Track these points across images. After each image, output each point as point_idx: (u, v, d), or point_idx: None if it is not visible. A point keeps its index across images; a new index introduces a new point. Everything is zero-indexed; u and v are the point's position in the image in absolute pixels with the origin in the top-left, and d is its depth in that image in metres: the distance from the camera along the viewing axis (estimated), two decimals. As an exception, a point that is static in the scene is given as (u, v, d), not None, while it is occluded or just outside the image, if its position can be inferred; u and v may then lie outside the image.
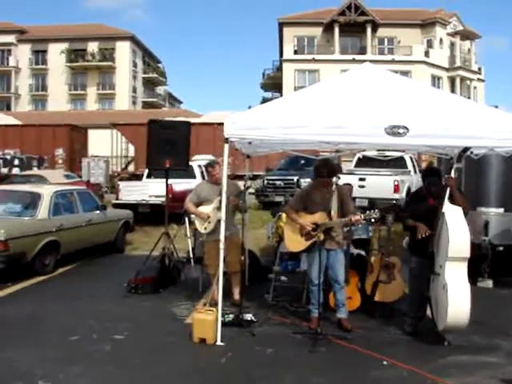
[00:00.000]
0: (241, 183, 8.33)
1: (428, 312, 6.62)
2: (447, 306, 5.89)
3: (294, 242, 6.85)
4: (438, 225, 6.21)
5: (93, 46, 58.67)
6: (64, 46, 57.91)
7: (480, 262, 8.86)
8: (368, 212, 6.37)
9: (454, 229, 6.00)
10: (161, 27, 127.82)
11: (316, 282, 6.60)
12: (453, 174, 6.45)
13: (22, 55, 58.84)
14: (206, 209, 7.62)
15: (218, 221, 7.27)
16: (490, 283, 9.13)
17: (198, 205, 7.75)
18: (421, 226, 6.42)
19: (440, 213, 6.17)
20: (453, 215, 6.10)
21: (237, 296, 7.46)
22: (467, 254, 6.03)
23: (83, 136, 31.70)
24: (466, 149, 6.30)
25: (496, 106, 8.09)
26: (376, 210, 6.36)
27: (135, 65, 61.73)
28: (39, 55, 59.31)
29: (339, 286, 6.78)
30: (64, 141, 29.56)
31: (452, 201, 6.22)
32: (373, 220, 6.48)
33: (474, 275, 7.13)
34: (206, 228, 7.63)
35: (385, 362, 5.66)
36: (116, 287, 8.64)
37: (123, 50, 59.09)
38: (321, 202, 6.68)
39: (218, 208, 7.35)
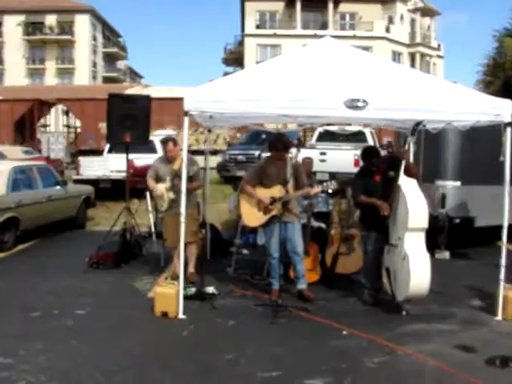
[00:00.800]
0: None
1: (385, 283, 6.78)
2: (409, 275, 6.03)
3: (253, 217, 6.89)
4: (392, 199, 6.33)
5: (51, 19, 57.20)
6: (20, 18, 56.30)
7: (437, 234, 9.06)
8: (325, 184, 6.44)
9: (412, 200, 6.14)
10: (120, 0, 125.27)
11: (275, 255, 6.68)
12: (409, 147, 6.56)
13: (-24, 27, 57.08)
14: (162, 187, 7.56)
15: (172, 200, 7.35)
16: (446, 255, 9.35)
17: (157, 180, 7.71)
18: (380, 203, 6.46)
19: (395, 186, 6.29)
20: (409, 187, 6.23)
21: (191, 269, 7.43)
22: (425, 224, 6.18)
23: None
24: (418, 122, 6.41)
25: (455, 82, 8.20)
26: (333, 181, 6.42)
27: (95, 39, 60.51)
28: (-6, 27, 57.62)
29: (298, 258, 6.86)
30: None
31: (408, 173, 6.33)
32: (330, 191, 6.52)
33: (431, 247, 7.30)
34: (162, 206, 7.62)
35: (344, 332, 5.78)
36: (77, 263, 8.56)
37: (82, 23, 57.81)
38: (276, 176, 6.73)
39: (170, 188, 7.39)
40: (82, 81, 55.38)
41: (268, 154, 7.09)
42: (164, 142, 7.78)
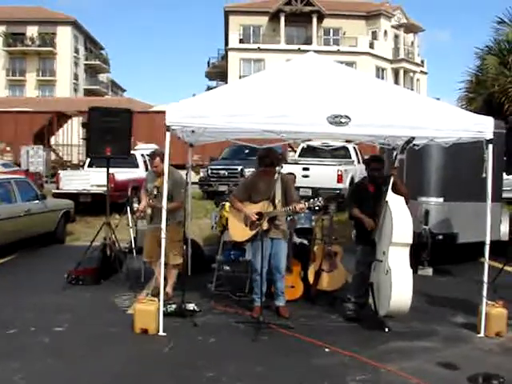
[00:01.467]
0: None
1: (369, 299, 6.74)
2: (390, 290, 6.02)
3: (239, 232, 6.84)
4: (380, 213, 6.33)
5: (32, 31, 56.94)
6: (1, 29, 56.00)
7: (420, 251, 9.05)
8: (312, 200, 6.40)
9: (397, 215, 6.16)
10: (104, 13, 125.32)
11: (260, 271, 6.62)
12: (396, 165, 6.55)
13: (-45, 37, 56.56)
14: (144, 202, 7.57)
15: (150, 217, 7.42)
16: (429, 271, 9.36)
17: None
18: (366, 220, 6.57)
19: (383, 201, 6.29)
20: (396, 203, 6.25)
21: (168, 289, 7.30)
22: (410, 240, 6.18)
23: None
24: (408, 141, 6.39)
25: (438, 99, 8.26)
26: (320, 198, 6.39)
27: (77, 51, 60.32)
28: (-26, 38, 57.18)
29: (280, 275, 6.83)
30: None
31: (395, 191, 6.33)
32: (317, 208, 6.48)
33: (414, 263, 7.29)
34: (146, 220, 7.62)
35: (326, 349, 5.72)
36: (56, 278, 8.42)
37: (64, 35, 57.63)
38: (264, 192, 6.66)
39: (148, 205, 7.42)
40: (63, 93, 55.13)
41: (253, 170, 7.05)
42: (152, 156, 7.73)
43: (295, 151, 19.97)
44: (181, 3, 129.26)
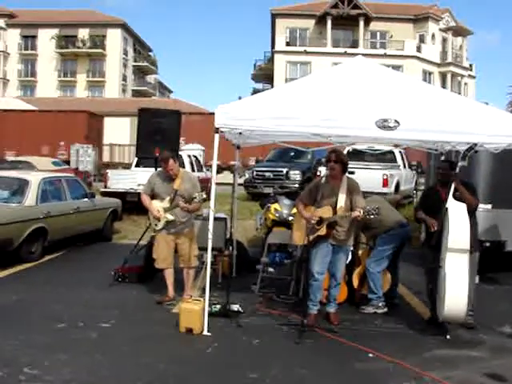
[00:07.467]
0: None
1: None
2: (445, 295, 5.96)
3: (301, 235, 6.69)
4: (442, 221, 6.26)
5: (83, 33, 58.22)
6: (54, 31, 57.40)
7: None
8: (368, 207, 6.16)
9: (454, 221, 6.08)
10: (152, 16, 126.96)
11: (317, 276, 6.53)
12: (458, 171, 6.41)
13: (11, 40, 58.20)
14: (158, 205, 7.31)
15: (167, 222, 7.26)
16: (476, 279, 9.17)
17: (152, 197, 7.43)
18: (428, 219, 6.55)
19: (444, 208, 6.21)
20: (455, 210, 6.15)
21: (189, 292, 7.31)
22: (466, 245, 6.07)
23: (99, 123, 31.61)
24: (470, 148, 6.26)
25: (486, 103, 8.07)
26: (377, 206, 6.17)
27: (126, 53, 61.33)
28: (29, 40, 58.76)
29: (335, 282, 6.74)
30: (82, 128, 29.10)
31: (459, 197, 6.26)
32: (372, 216, 6.22)
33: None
34: (156, 225, 7.41)
35: (370, 355, 5.69)
36: (103, 275, 8.60)
37: (114, 37, 58.69)
38: (328, 196, 6.49)
39: (169, 208, 7.22)
40: (111, 94, 56.15)
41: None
42: (165, 159, 7.24)
43: None
44: (228, 5, 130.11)
